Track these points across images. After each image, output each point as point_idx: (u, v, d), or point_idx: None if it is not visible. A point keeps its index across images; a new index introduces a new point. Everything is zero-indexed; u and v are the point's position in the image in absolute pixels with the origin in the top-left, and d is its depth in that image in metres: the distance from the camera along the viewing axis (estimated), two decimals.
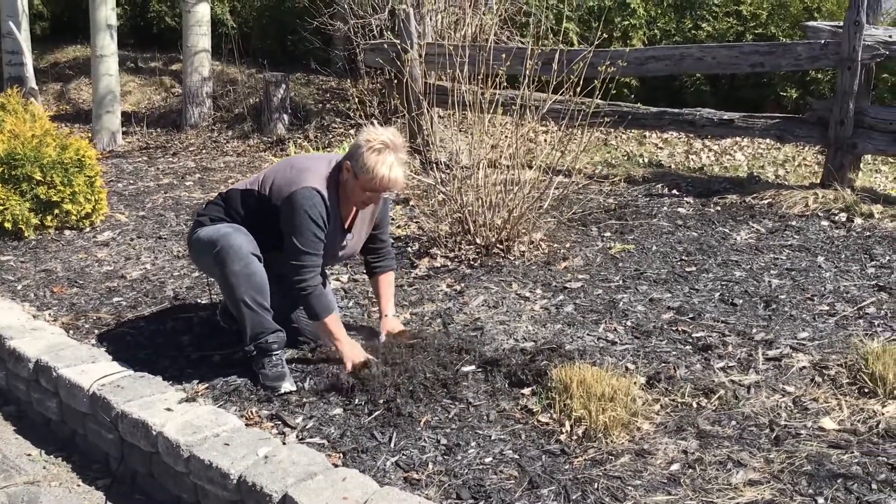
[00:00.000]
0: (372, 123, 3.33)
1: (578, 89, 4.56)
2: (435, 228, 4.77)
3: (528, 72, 4.62)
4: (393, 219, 5.36)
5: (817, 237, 4.65)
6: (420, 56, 6.31)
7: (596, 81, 4.46)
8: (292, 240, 3.08)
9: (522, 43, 7.09)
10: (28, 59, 8.58)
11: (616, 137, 7.29)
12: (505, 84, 4.86)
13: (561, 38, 5.65)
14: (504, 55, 5.23)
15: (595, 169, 6.45)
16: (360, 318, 3.77)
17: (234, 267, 3.06)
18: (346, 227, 3.30)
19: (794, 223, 4.89)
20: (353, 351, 3.17)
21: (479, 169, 4.57)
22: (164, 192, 6.43)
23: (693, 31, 7.51)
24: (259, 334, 3.16)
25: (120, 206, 5.94)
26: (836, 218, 4.92)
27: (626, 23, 7.62)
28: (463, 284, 4.15)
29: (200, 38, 9.06)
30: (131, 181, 6.88)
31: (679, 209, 5.29)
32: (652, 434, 2.76)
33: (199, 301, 4.06)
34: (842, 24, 5.21)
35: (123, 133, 9.08)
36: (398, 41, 6.71)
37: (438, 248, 4.58)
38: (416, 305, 3.90)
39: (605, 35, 5.41)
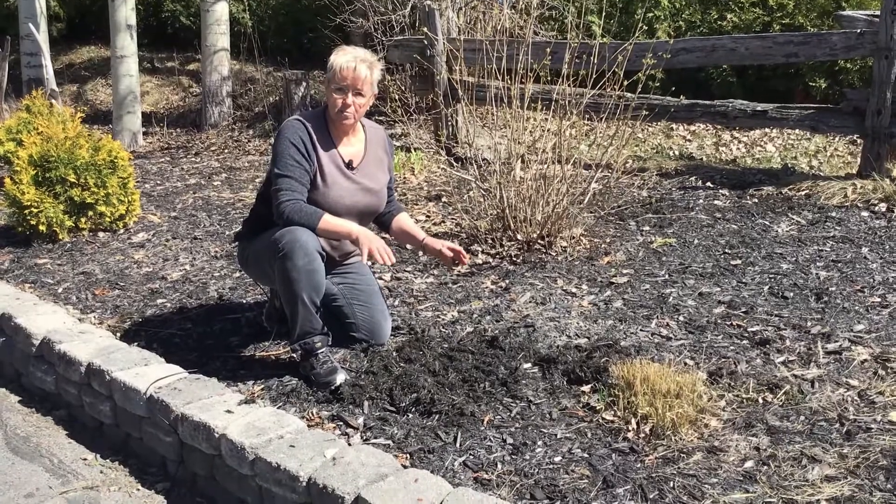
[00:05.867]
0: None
1: (615, 84, 4.52)
2: (473, 225, 4.73)
3: (565, 65, 4.58)
4: (428, 216, 5.33)
5: (859, 228, 4.61)
6: (450, 51, 6.26)
7: (640, 74, 4.42)
8: (273, 170, 3.19)
9: (549, 37, 7.05)
10: (47, 60, 8.56)
11: (644, 130, 7.24)
12: (546, 79, 4.82)
13: (584, 31, 5.61)
14: (539, 50, 5.19)
15: (626, 163, 6.40)
16: (406, 317, 3.73)
17: (299, 262, 3.00)
18: (346, 161, 3.28)
19: (834, 214, 4.84)
20: (368, 238, 3.11)
21: (517, 164, 4.53)
22: (193, 192, 6.41)
23: (719, 22, 7.46)
24: (307, 333, 3.14)
25: (150, 207, 5.92)
26: (877, 208, 4.88)
27: (651, 14, 7.56)
28: (507, 281, 4.11)
29: (219, 36, 9.04)
30: (158, 182, 6.86)
31: (716, 202, 5.25)
32: (720, 431, 2.73)
33: (243, 301, 4.04)
34: (878, 13, 5.16)
35: (144, 133, 9.08)
36: (423, 37, 6.67)
37: (479, 244, 4.55)
38: (464, 303, 3.87)
39: (632, 28, 5.37)
